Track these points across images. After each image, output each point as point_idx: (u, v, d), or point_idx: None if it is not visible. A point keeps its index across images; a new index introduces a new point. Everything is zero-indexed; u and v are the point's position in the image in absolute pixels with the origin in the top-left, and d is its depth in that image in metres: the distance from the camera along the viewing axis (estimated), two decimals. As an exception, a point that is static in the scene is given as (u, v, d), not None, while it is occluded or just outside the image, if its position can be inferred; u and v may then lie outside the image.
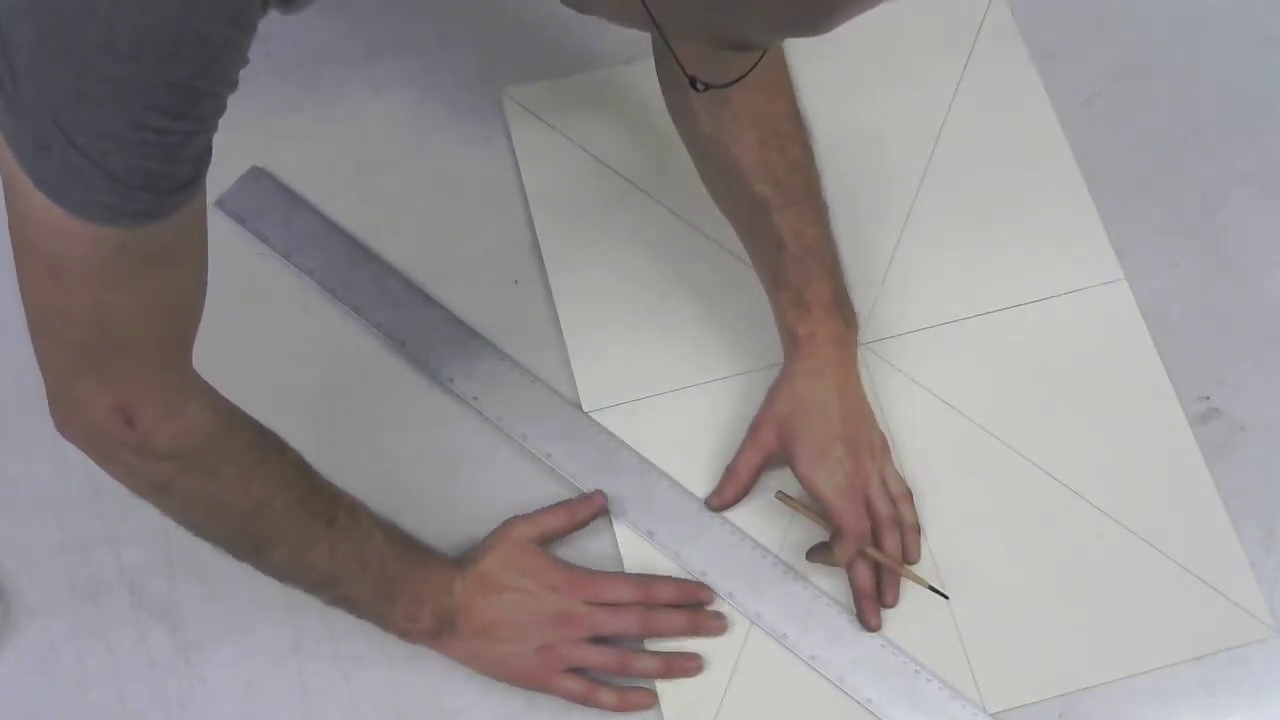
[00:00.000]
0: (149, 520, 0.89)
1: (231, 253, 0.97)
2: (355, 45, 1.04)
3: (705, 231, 0.98)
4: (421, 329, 0.94)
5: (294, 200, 0.98)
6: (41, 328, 0.68)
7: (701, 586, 0.87)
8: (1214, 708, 0.85)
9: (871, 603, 0.86)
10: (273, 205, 0.99)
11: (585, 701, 0.83)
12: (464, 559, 0.85)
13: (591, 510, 0.88)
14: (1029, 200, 1.00)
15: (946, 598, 0.86)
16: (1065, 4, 1.07)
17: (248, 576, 0.87)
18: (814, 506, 0.87)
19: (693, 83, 0.64)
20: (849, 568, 0.87)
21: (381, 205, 0.99)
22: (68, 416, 0.71)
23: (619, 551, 0.89)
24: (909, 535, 0.87)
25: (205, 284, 0.70)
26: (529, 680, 0.84)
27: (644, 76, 1.00)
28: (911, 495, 0.88)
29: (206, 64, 0.57)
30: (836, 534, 0.85)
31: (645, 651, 0.85)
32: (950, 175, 1.00)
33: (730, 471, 0.90)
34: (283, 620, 0.87)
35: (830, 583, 0.88)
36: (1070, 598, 0.88)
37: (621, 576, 0.87)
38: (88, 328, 0.65)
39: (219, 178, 0.99)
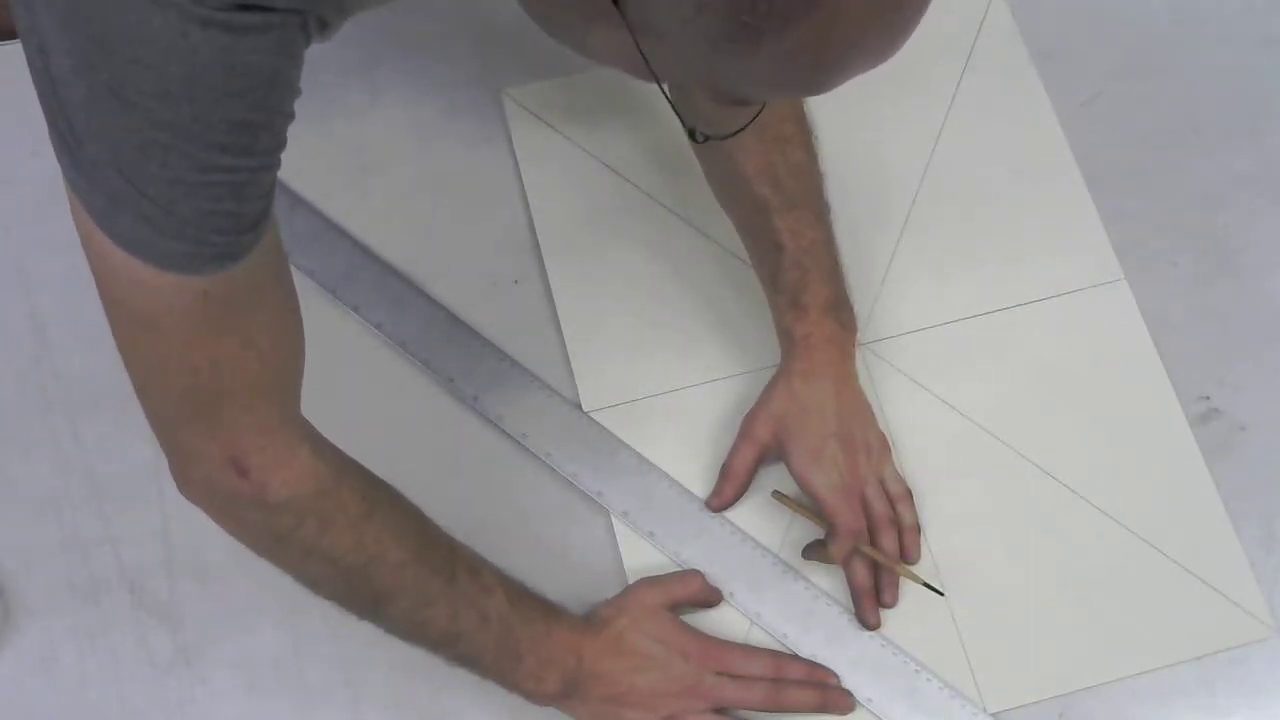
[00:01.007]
0: (149, 520, 0.90)
1: (231, 253, 0.97)
2: (355, 45, 1.04)
3: (705, 231, 0.98)
4: (421, 329, 0.94)
5: (294, 200, 0.98)
6: (144, 386, 0.67)
7: (830, 671, 0.85)
8: (1214, 708, 0.85)
9: (870, 601, 0.86)
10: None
11: None
12: (592, 619, 0.83)
13: (718, 597, 0.87)
14: (1029, 200, 1.00)
15: (942, 594, 0.86)
16: (1065, 4, 1.07)
17: (248, 577, 0.88)
18: (809, 505, 0.87)
19: (692, 134, 0.64)
20: (846, 566, 0.87)
21: (381, 205, 0.99)
22: (185, 476, 0.71)
23: (619, 552, 0.89)
24: (908, 535, 0.87)
25: (299, 324, 0.69)
26: None
27: (644, 76, 1.01)
28: (911, 495, 0.88)
29: (260, 97, 0.58)
30: (831, 531, 0.85)
31: None
32: (950, 175, 1.00)
33: (727, 471, 0.89)
34: (283, 621, 0.87)
35: (830, 582, 0.88)
36: (1070, 598, 0.88)
37: (753, 650, 0.85)
38: (188, 380, 0.65)
39: (219, 178, 0.99)
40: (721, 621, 0.87)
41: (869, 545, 0.86)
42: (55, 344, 0.94)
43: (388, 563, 0.74)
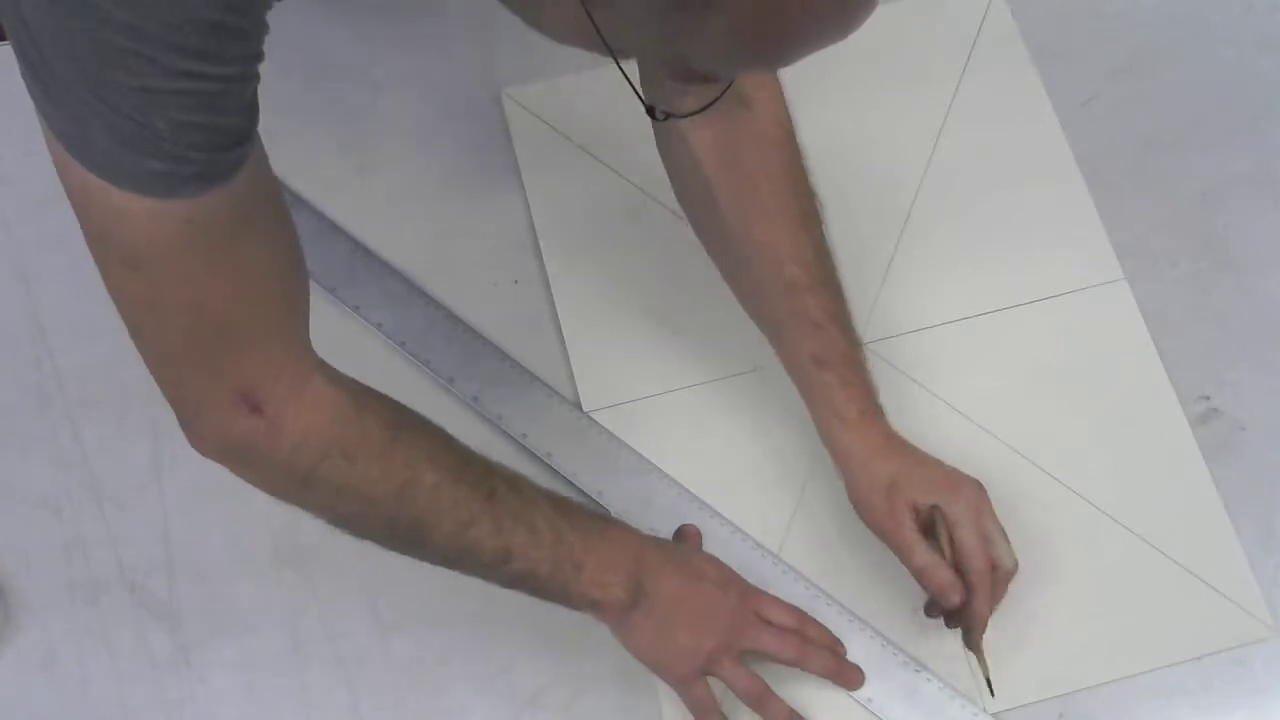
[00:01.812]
0: (149, 520, 0.90)
1: (231, 253, 0.97)
2: (355, 45, 1.04)
3: (705, 231, 0.98)
4: (421, 329, 0.94)
5: (294, 200, 0.98)
6: (139, 331, 0.64)
7: (839, 641, 0.85)
8: (1214, 708, 0.85)
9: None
10: (273, 205, 0.99)
11: (705, 714, 0.82)
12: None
13: (699, 536, 0.88)
14: (1029, 200, 1.00)
15: (994, 695, 0.84)
16: (1065, 4, 1.07)
17: (248, 577, 0.88)
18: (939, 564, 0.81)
19: (650, 111, 0.63)
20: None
21: (381, 205, 0.99)
22: (196, 427, 0.67)
23: (619, 551, 0.89)
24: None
25: (297, 254, 0.67)
26: (682, 678, 0.81)
27: (644, 76, 1.00)
28: None
29: None
30: (979, 581, 0.80)
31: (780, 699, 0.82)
32: (950, 175, 1.00)
33: (923, 573, 0.81)
34: (283, 621, 0.87)
35: (831, 582, 0.88)
36: (1070, 598, 0.88)
37: (786, 603, 0.84)
38: (183, 317, 0.62)
39: (219, 178, 0.99)
40: (721, 621, 0.87)
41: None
42: (55, 344, 0.94)
43: (422, 486, 0.71)
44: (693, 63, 0.54)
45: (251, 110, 0.60)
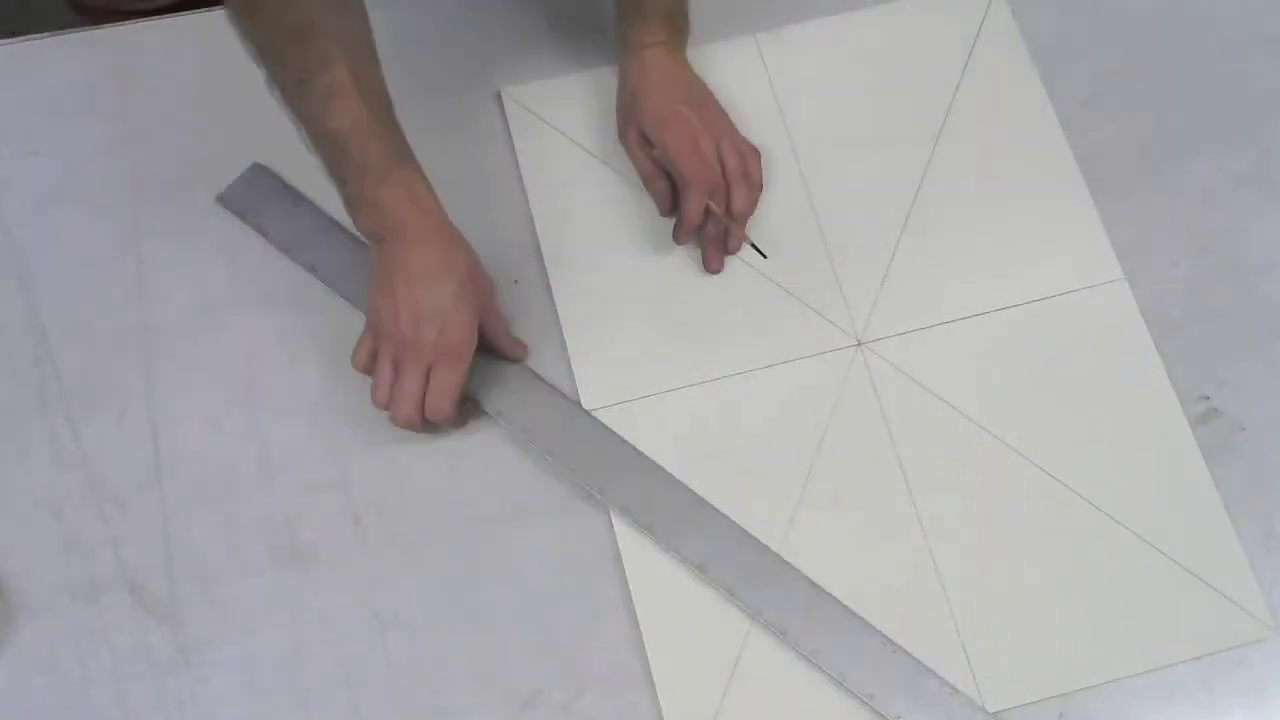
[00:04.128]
0: (149, 520, 0.90)
1: (233, 249, 0.97)
2: (355, 45, 1.04)
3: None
4: (421, 329, 0.94)
5: (296, 197, 0.98)
6: None
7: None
8: (1214, 708, 0.85)
9: (717, 248, 0.96)
10: (275, 202, 0.99)
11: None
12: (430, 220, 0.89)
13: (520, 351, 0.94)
14: (1029, 200, 1.00)
15: (765, 257, 0.94)
16: (1065, 4, 1.07)
17: (248, 577, 0.88)
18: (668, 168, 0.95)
19: None
20: (698, 225, 0.94)
21: (381, 205, 0.99)
22: None
23: (618, 549, 0.89)
24: (752, 190, 0.95)
25: None
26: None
27: (644, 76, 1.00)
28: (759, 154, 0.97)
29: None
30: (685, 186, 0.92)
31: None
32: (950, 175, 1.00)
33: (644, 181, 0.97)
34: (283, 621, 0.87)
35: (831, 583, 0.88)
36: (1070, 598, 0.88)
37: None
38: None
39: (221, 174, 0.99)
40: (723, 617, 0.87)
41: (722, 198, 0.94)
42: (55, 344, 0.94)
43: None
44: None
45: None
